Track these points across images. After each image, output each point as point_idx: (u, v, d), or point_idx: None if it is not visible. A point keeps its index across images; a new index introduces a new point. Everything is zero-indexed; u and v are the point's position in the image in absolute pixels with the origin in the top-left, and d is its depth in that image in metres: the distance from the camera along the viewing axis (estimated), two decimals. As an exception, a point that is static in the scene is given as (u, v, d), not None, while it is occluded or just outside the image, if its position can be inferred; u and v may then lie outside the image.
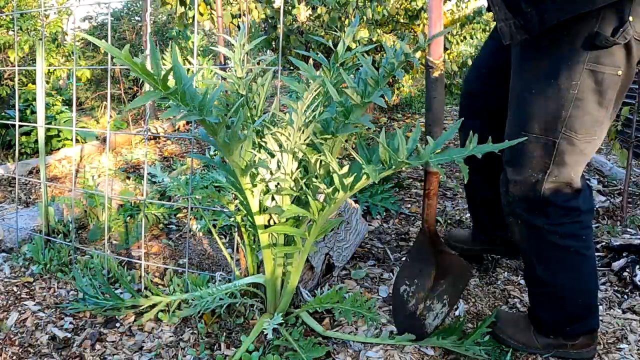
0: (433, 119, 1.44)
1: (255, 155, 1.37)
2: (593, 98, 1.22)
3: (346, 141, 1.46)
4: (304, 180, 1.41)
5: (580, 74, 1.20)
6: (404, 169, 3.12)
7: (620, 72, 1.20)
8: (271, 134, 1.37)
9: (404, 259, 1.78)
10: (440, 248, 1.54)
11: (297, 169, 1.42)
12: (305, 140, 1.35)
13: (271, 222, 1.49)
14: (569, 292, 1.40)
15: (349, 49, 1.49)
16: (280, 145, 1.37)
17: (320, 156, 1.31)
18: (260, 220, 1.46)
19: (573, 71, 1.21)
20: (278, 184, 1.42)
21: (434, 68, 1.40)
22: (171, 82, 1.09)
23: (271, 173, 1.41)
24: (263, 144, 1.42)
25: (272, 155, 1.40)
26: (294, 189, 1.42)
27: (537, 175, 1.31)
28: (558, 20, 1.19)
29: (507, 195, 1.39)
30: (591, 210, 1.38)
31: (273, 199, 1.46)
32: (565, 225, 1.34)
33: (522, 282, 1.89)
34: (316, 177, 1.37)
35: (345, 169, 1.26)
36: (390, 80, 4.17)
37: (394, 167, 1.14)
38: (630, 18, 1.15)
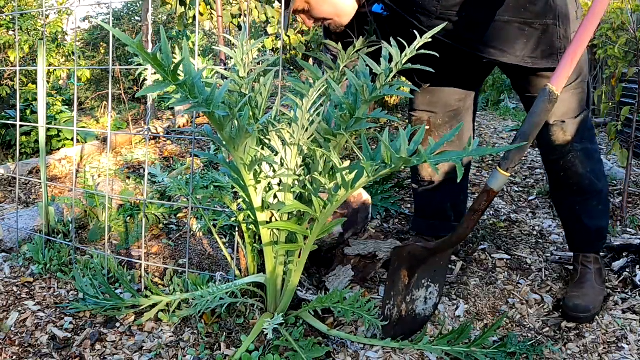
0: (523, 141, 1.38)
1: (259, 151, 1.38)
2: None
3: (347, 141, 1.47)
4: (307, 178, 1.42)
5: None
6: (404, 169, 3.13)
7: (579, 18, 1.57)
8: (275, 130, 1.37)
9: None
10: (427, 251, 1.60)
11: (301, 166, 1.42)
12: (309, 138, 1.36)
13: (273, 220, 1.49)
14: (608, 192, 1.80)
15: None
16: (284, 142, 1.38)
17: (324, 152, 1.32)
18: (262, 217, 1.46)
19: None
20: (281, 181, 1.42)
21: (552, 99, 1.34)
22: (180, 76, 1.10)
23: (274, 171, 1.41)
24: (267, 141, 1.43)
25: (276, 153, 1.41)
26: (297, 185, 1.42)
27: (583, 111, 1.65)
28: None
29: (564, 138, 1.65)
30: None
31: (276, 196, 1.46)
32: (596, 142, 1.73)
33: (522, 282, 1.89)
34: (319, 174, 1.38)
35: (347, 164, 1.27)
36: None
37: (393, 166, 1.15)
38: None
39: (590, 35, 1.31)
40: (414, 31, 1.35)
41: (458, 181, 1.11)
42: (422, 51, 1.32)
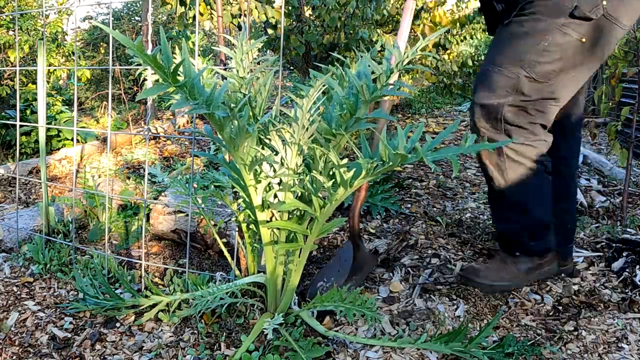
0: None
1: (259, 151, 1.38)
2: (556, 54, 1.50)
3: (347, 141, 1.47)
4: (307, 177, 1.42)
5: (552, 33, 1.48)
6: (404, 169, 3.12)
7: (584, 40, 1.48)
8: (276, 130, 1.38)
9: (330, 260, 1.94)
10: (360, 246, 1.80)
11: (300, 166, 1.43)
12: (309, 138, 1.36)
13: (273, 220, 1.50)
14: (529, 207, 1.63)
15: (348, 49, 1.49)
16: (284, 141, 1.38)
17: (323, 151, 1.32)
18: (262, 216, 1.46)
19: (548, 30, 1.48)
20: (281, 180, 1.42)
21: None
22: (179, 78, 1.10)
23: (274, 170, 1.41)
24: (267, 140, 1.43)
25: (276, 152, 1.41)
26: (297, 184, 1.42)
27: (499, 100, 1.55)
28: None
29: (474, 116, 1.62)
30: (548, 144, 1.61)
31: (276, 196, 1.46)
32: (524, 146, 1.56)
33: (522, 282, 1.89)
34: (320, 174, 1.38)
35: (345, 161, 1.27)
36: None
37: (391, 163, 1.15)
38: (604, 2, 1.43)
39: None
40: None
41: (453, 176, 1.14)
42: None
